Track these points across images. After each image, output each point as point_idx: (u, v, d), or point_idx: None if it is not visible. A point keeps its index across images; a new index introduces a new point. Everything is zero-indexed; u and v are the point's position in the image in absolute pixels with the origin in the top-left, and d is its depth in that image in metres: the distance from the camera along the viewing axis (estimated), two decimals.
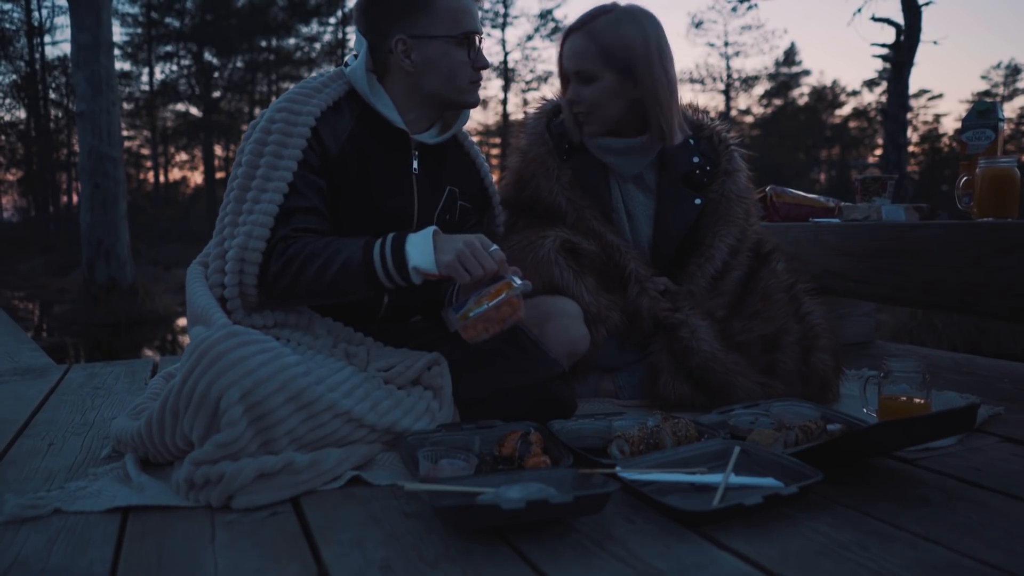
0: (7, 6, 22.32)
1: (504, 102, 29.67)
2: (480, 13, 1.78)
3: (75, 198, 25.12)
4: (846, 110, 32.86)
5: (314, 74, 1.77)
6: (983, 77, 37.51)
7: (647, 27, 1.88)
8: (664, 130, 1.91)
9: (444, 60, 1.67)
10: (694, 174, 1.97)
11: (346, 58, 1.78)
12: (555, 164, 1.95)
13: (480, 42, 1.72)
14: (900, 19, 12.95)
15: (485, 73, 1.77)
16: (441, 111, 1.76)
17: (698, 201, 1.96)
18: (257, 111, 28.36)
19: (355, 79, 1.70)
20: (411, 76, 1.68)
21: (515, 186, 2.04)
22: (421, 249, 1.48)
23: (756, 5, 29.13)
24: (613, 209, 1.97)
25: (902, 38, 12.91)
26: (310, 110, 1.63)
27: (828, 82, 40.34)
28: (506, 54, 28.23)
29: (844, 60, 60.38)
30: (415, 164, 1.74)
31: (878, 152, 27.54)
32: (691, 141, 1.99)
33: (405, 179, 1.73)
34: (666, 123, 1.90)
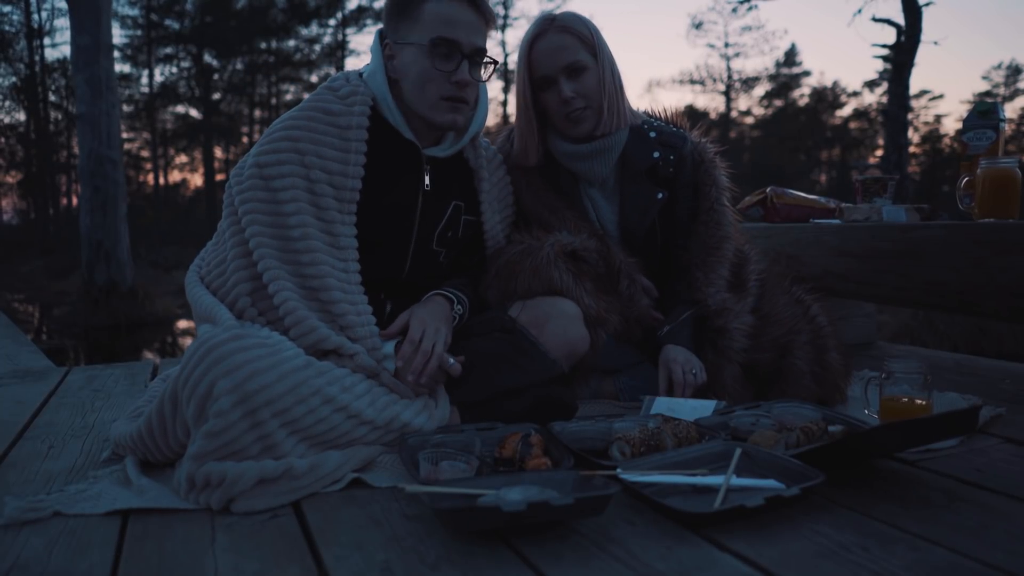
0: (7, 8, 22.33)
1: (504, 104, 29.68)
2: (493, 34, 1.68)
3: (75, 200, 25.12)
4: (847, 111, 32.89)
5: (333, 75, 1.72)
6: (984, 77, 37.47)
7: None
8: (621, 112, 1.89)
9: (413, 68, 1.59)
10: (656, 168, 1.95)
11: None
12: (521, 174, 1.94)
13: (465, 55, 1.58)
14: (900, 19, 12.96)
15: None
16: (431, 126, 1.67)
17: (660, 195, 1.94)
18: (257, 113, 28.42)
19: (374, 84, 1.64)
20: (399, 84, 1.64)
21: None
22: None
23: (756, 6, 29.06)
24: (586, 210, 1.97)
25: (902, 38, 12.91)
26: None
27: (828, 83, 40.34)
28: (506, 56, 28.22)
29: (844, 61, 60.34)
30: (427, 180, 1.70)
31: (879, 153, 27.52)
32: (651, 135, 1.96)
33: (413, 197, 1.69)
34: (621, 102, 1.89)
